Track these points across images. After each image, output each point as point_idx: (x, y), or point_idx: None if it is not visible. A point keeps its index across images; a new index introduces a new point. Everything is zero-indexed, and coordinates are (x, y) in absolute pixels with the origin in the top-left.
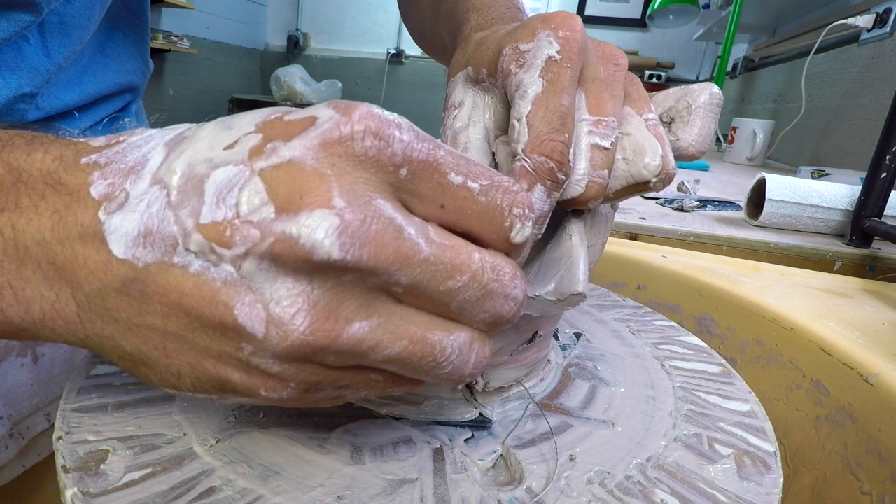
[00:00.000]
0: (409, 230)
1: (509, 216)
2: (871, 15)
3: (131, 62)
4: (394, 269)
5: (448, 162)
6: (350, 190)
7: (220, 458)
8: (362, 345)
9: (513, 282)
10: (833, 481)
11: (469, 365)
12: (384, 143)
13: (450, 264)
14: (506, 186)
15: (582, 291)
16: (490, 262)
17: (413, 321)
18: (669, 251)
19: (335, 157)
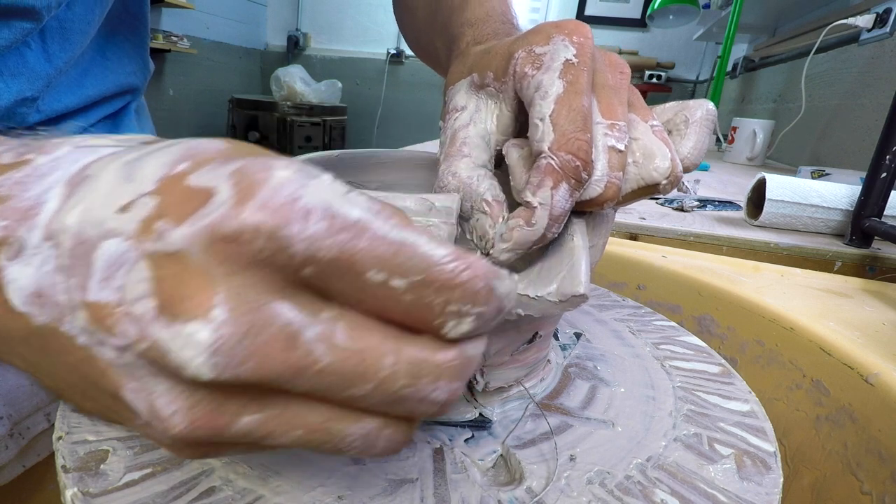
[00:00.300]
0: (308, 335)
1: (441, 315)
2: (871, 15)
3: (131, 64)
4: (283, 380)
5: (368, 257)
6: (238, 294)
7: (219, 458)
8: (252, 435)
9: (433, 384)
10: (833, 481)
11: (376, 448)
12: (281, 244)
13: (351, 373)
14: (443, 281)
15: (583, 293)
16: (407, 366)
17: (314, 411)
18: (669, 251)
19: (224, 255)
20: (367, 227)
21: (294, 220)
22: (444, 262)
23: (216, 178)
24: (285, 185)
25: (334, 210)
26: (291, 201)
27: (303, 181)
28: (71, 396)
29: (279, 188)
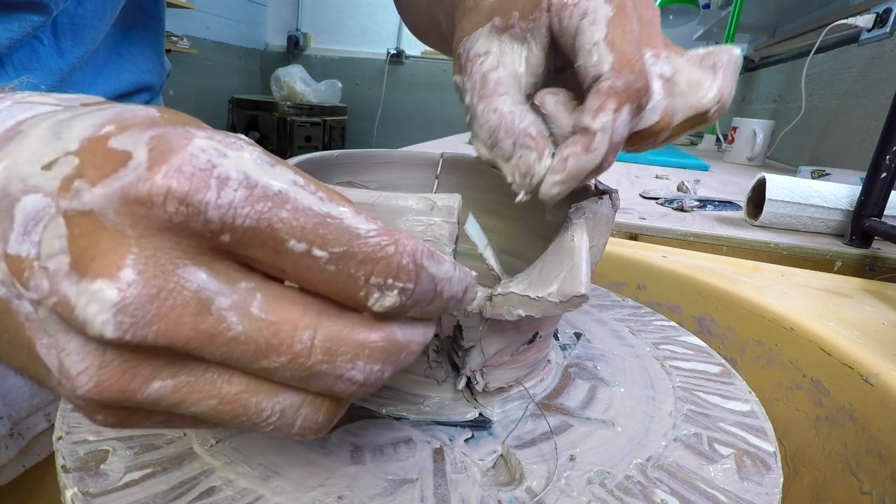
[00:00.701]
0: (222, 303)
1: (365, 286)
2: (871, 15)
3: (146, 62)
4: (193, 346)
5: (290, 226)
6: (150, 257)
7: (220, 458)
8: (163, 402)
9: (351, 363)
10: (833, 481)
11: (294, 427)
12: (194, 209)
13: (265, 344)
14: (366, 253)
15: (584, 293)
16: (324, 342)
17: (229, 382)
18: (669, 251)
19: (137, 217)
20: (289, 198)
21: (208, 186)
22: (369, 235)
23: (135, 142)
24: (203, 153)
25: (254, 180)
26: (207, 168)
27: (223, 150)
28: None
29: (195, 155)
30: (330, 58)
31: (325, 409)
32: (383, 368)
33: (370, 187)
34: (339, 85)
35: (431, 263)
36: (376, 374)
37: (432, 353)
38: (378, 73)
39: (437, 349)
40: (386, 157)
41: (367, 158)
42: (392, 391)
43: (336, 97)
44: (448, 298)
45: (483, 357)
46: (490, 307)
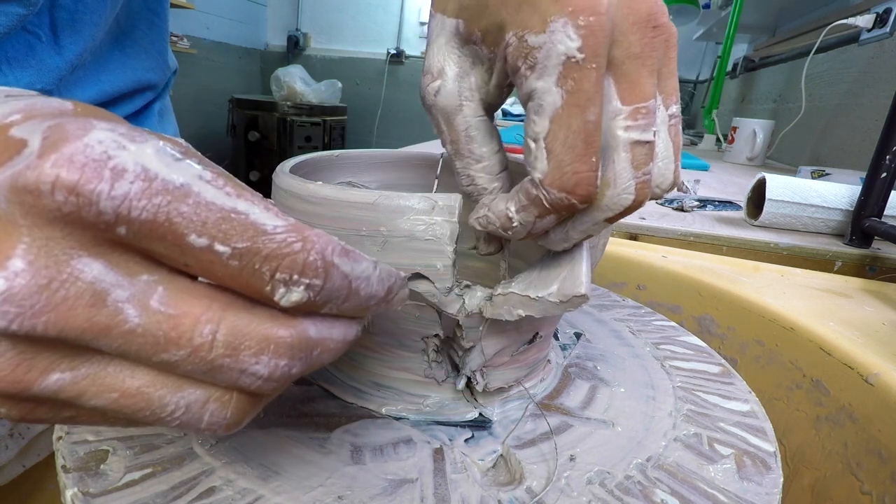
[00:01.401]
0: (119, 295)
1: (270, 281)
2: (871, 15)
3: (150, 60)
4: (87, 338)
5: (190, 220)
6: (42, 247)
7: (220, 458)
8: (61, 394)
9: (255, 357)
10: (833, 481)
11: (202, 422)
12: (85, 200)
13: (163, 337)
14: (270, 250)
15: (584, 293)
16: (226, 336)
17: (132, 375)
18: (669, 251)
19: (27, 206)
20: (191, 192)
21: (101, 177)
22: (276, 231)
23: (33, 130)
24: (98, 144)
25: (153, 172)
26: (101, 159)
27: (122, 143)
28: None
29: (90, 146)
30: (330, 58)
31: (233, 405)
32: (290, 364)
33: (370, 187)
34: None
35: (344, 261)
36: (282, 370)
37: (433, 353)
38: (378, 73)
39: (438, 349)
40: (386, 157)
41: (367, 158)
42: (392, 391)
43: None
44: (366, 297)
45: (483, 357)
46: (490, 307)
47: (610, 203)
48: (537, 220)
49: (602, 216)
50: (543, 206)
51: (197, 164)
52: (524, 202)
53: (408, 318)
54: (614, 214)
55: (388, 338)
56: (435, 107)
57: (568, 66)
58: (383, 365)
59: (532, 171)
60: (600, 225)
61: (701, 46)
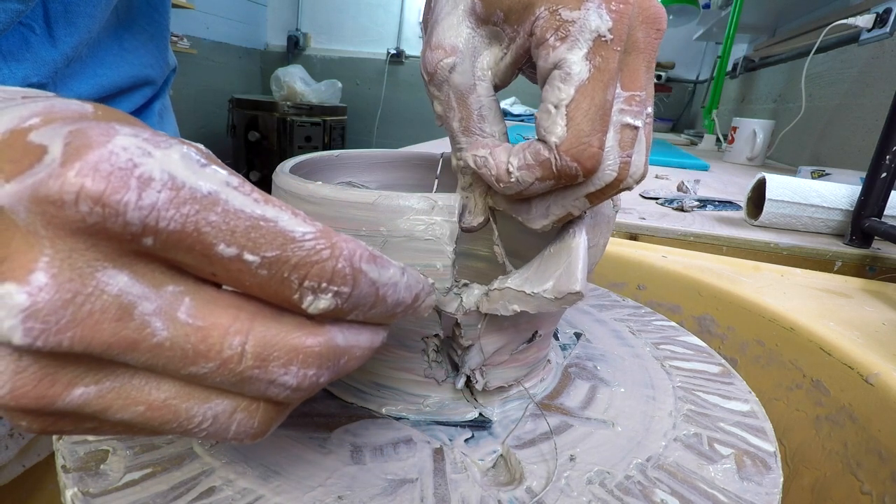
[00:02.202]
0: (146, 308)
1: (299, 289)
2: (871, 15)
3: (148, 55)
4: (114, 352)
5: (218, 229)
6: (65, 259)
7: (220, 458)
8: (86, 408)
9: (284, 368)
10: (833, 481)
11: (229, 433)
12: (111, 210)
13: (192, 350)
14: (300, 258)
15: (579, 290)
16: (255, 347)
17: (157, 388)
18: (669, 251)
19: (49, 217)
20: (220, 200)
21: (127, 187)
22: (305, 238)
23: (53, 136)
24: (123, 152)
25: (181, 181)
26: (127, 168)
27: (147, 149)
28: None
29: (115, 153)
30: (330, 58)
31: (260, 414)
32: (319, 373)
33: (370, 187)
34: (339, 85)
35: (371, 268)
36: (311, 379)
37: (432, 352)
38: (378, 73)
39: (438, 349)
40: (386, 157)
41: (367, 158)
42: (392, 391)
43: (336, 97)
44: (394, 304)
45: (482, 356)
46: (486, 302)
47: (596, 177)
48: (536, 182)
49: (586, 190)
50: (550, 170)
51: (223, 171)
52: (530, 161)
53: (408, 317)
54: (597, 189)
55: (388, 338)
56: (448, 83)
57: (598, 43)
58: (383, 365)
59: (548, 136)
60: (581, 202)
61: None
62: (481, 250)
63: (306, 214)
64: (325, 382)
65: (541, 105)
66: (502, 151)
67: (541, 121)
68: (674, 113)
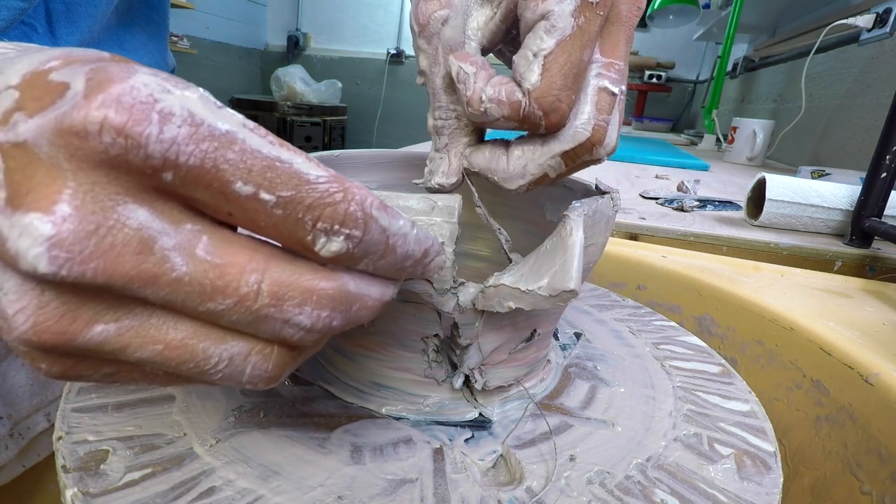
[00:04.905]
0: (166, 243)
1: (312, 231)
2: (871, 15)
3: (148, 56)
4: (135, 286)
5: (236, 167)
6: (88, 192)
7: (220, 458)
8: (106, 346)
9: (299, 308)
10: (833, 481)
11: (244, 375)
12: (133, 142)
13: (210, 286)
14: (314, 199)
15: (574, 288)
16: (271, 286)
17: (175, 327)
18: (669, 251)
19: (72, 149)
20: (237, 140)
21: (149, 119)
22: (318, 181)
23: (75, 73)
24: (144, 87)
25: (199, 118)
26: (149, 102)
27: (167, 87)
28: None
29: (136, 88)
30: (330, 58)
31: (274, 358)
32: (332, 316)
33: (370, 187)
34: (339, 85)
35: (382, 215)
36: (324, 321)
37: (432, 352)
38: (378, 73)
39: (437, 349)
40: (386, 157)
41: (367, 158)
42: (392, 391)
43: (336, 97)
44: (403, 256)
45: (481, 355)
46: (482, 299)
47: (568, 134)
48: (501, 120)
49: (559, 148)
50: (518, 112)
51: (238, 115)
52: (502, 98)
53: (407, 318)
54: (570, 148)
55: (388, 338)
56: (439, 36)
57: (584, 4)
58: (383, 365)
59: (522, 81)
60: (555, 162)
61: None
62: (481, 250)
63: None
64: (337, 327)
65: (520, 50)
66: (484, 76)
67: (518, 65)
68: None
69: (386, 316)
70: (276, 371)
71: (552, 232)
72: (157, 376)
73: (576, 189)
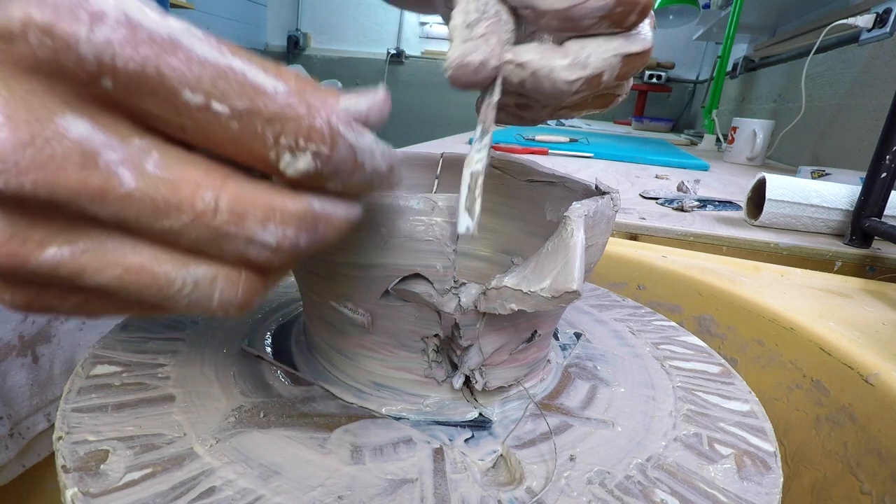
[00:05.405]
0: (111, 157)
1: (274, 147)
2: (871, 15)
3: None
4: (82, 202)
5: (182, 74)
6: (20, 101)
7: (220, 458)
8: (61, 269)
9: (262, 226)
10: (833, 481)
11: (212, 301)
12: (62, 43)
13: (163, 202)
14: (273, 112)
15: (576, 289)
16: (230, 202)
17: (134, 251)
18: (669, 251)
19: (2, 54)
20: (181, 45)
21: (77, 18)
22: (276, 92)
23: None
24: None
25: (137, 21)
26: (76, 1)
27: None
28: None
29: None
30: (330, 58)
31: (243, 282)
32: (297, 234)
33: None
34: (340, 85)
35: (349, 131)
36: (290, 240)
37: (432, 353)
38: (378, 73)
39: (437, 349)
40: None
41: None
42: (392, 391)
43: None
44: (371, 172)
45: (481, 355)
46: (484, 300)
47: (637, 38)
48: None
49: (626, 49)
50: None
51: (185, 23)
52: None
53: (408, 317)
54: (633, 53)
55: (388, 338)
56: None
57: None
58: (383, 365)
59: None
60: (618, 61)
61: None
62: (481, 250)
63: (279, 69)
64: (304, 247)
65: None
66: None
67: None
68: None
69: (386, 316)
70: (245, 296)
71: (552, 232)
72: (129, 305)
73: (576, 189)
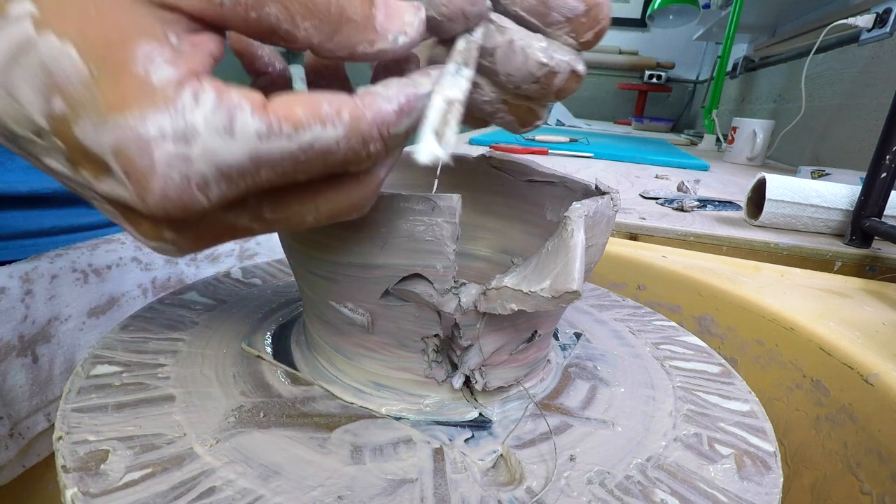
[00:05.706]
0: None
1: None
2: (871, 15)
3: None
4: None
5: None
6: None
7: (220, 458)
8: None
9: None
10: (833, 481)
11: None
12: None
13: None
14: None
15: (576, 289)
16: None
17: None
18: (669, 251)
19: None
20: None
21: None
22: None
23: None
24: None
25: None
26: None
27: None
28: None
29: None
30: None
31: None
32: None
33: None
34: None
35: None
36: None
37: (432, 353)
38: None
39: (437, 349)
40: None
41: None
42: (392, 391)
43: None
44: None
45: (481, 356)
46: (484, 301)
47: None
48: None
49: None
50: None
51: None
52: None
53: (408, 317)
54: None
55: (388, 338)
56: None
57: None
58: (383, 365)
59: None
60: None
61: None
62: (481, 250)
63: None
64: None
65: None
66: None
67: None
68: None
69: (386, 316)
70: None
71: (552, 232)
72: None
73: (576, 189)
